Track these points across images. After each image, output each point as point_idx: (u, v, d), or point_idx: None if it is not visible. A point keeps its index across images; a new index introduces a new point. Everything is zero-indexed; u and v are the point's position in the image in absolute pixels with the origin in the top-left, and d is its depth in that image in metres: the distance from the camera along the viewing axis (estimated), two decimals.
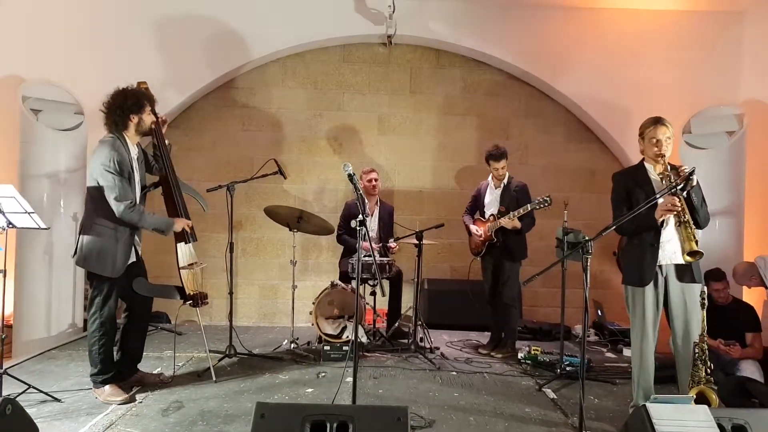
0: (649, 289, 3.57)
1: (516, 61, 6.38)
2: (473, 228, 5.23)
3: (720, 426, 2.56)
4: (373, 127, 6.71)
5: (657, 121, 3.59)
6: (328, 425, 2.49)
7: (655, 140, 3.56)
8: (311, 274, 6.63)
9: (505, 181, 5.20)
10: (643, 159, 3.74)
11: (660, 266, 3.56)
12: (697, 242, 3.22)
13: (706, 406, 2.67)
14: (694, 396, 3.17)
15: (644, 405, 2.68)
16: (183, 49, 6.06)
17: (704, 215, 3.50)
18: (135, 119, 3.76)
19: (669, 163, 3.56)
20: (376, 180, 5.66)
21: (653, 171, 3.63)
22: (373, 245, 5.47)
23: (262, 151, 6.45)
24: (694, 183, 3.33)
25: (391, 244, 5.52)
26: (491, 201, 5.24)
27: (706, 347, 3.30)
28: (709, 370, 3.27)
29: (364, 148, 6.70)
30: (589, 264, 3.00)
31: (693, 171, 3.28)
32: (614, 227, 3.13)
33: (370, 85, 6.68)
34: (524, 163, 6.61)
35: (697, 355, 3.31)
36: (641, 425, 2.64)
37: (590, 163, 6.70)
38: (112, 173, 3.57)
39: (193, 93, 6.23)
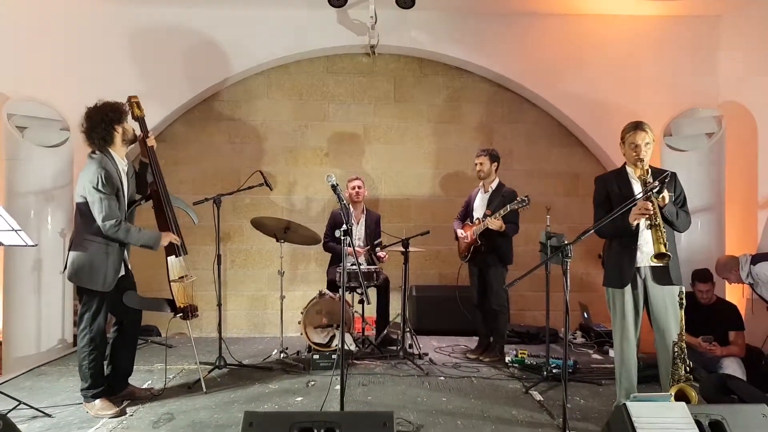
0: (628, 290, 3.66)
1: (498, 69, 6.47)
2: (459, 232, 5.31)
3: (698, 422, 2.63)
4: (358, 136, 6.77)
5: (636, 126, 3.68)
6: None
7: (634, 145, 3.65)
8: (300, 284, 6.67)
9: (494, 186, 5.27)
10: (626, 163, 3.82)
11: (638, 268, 3.65)
12: (665, 245, 3.29)
13: (684, 404, 2.73)
14: (674, 394, 3.24)
15: (624, 404, 2.74)
16: (168, 63, 6.10)
17: (682, 223, 3.60)
18: (120, 130, 3.79)
19: (651, 167, 3.65)
20: (359, 188, 5.71)
21: (634, 175, 3.71)
22: (360, 251, 5.55)
23: (249, 163, 6.50)
24: (664, 192, 3.39)
25: (381, 253, 5.57)
26: (479, 205, 5.32)
27: (684, 346, 3.37)
28: (688, 369, 3.34)
29: (350, 158, 6.75)
30: (568, 267, 3.05)
31: (667, 176, 3.37)
32: (592, 231, 3.19)
33: (354, 95, 6.75)
34: (509, 168, 6.68)
35: (676, 353, 3.38)
36: (622, 424, 2.70)
37: (574, 167, 6.79)
38: (99, 191, 3.60)
39: (178, 107, 6.26)
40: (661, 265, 3.48)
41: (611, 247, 3.81)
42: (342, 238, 3.30)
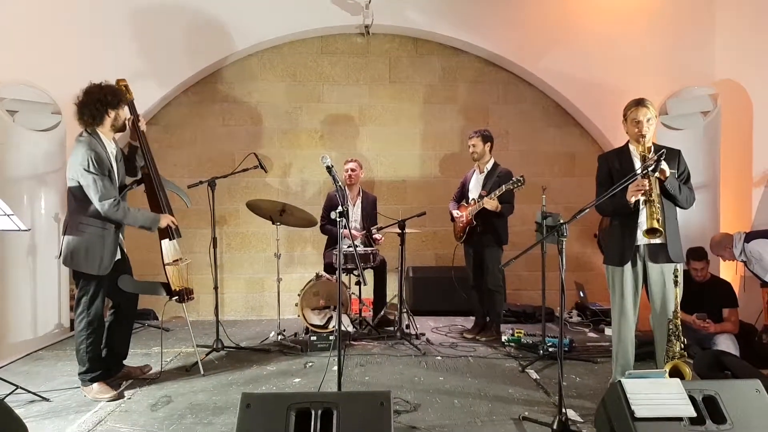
0: (628, 268, 3.66)
1: (493, 47, 6.43)
2: (455, 212, 5.31)
3: (691, 397, 2.66)
4: (353, 117, 6.73)
5: (638, 103, 3.65)
6: (313, 412, 2.55)
7: (636, 121, 3.63)
8: (297, 267, 6.67)
9: (489, 166, 5.26)
10: (629, 141, 3.80)
11: (638, 246, 3.65)
12: (659, 221, 3.28)
13: (678, 380, 2.75)
14: (668, 370, 3.26)
15: (620, 381, 2.76)
16: (158, 47, 6.02)
17: (685, 198, 3.58)
18: (112, 114, 3.76)
19: (655, 144, 3.64)
20: (353, 170, 5.69)
21: (636, 152, 3.69)
22: (356, 234, 5.55)
23: (243, 146, 6.46)
24: (663, 166, 3.39)
25: (377, 235, 5.57)
26: (475, 186, 5.31)
27: (679, 323, 3.39)
28: (682, 345, 3.37)
29: (345, 140, 6.72)
30: (564, 247, 3.05)
31: (662, 153, 3.36)
32: (589, 209, 3.18)
33: (349, 76, 6.70)
34: (505, 149, 6.67)
35: (670, 331, 3.40)
36: (617, 400, 2.73)
37: (570, 147, 6.78)
38: (91, 173, 3.57)
39: (170, 90, 6.20)
40: (659, 242, 3.49)
41: (612, 225, 3.82)
42: (338, 219, 3.29)
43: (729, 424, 2.59)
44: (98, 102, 3.69)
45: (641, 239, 3.61)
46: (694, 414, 2.60)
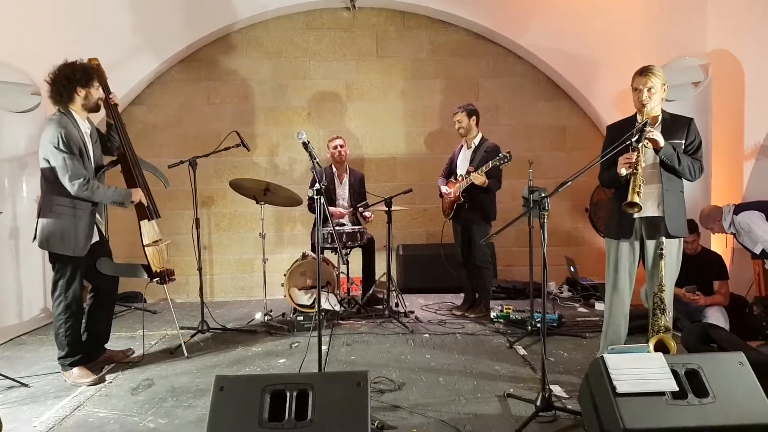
0: (624, 242, 3.57)
1: (482, 20, 6.30)
2: (444, 188, 5.23)
3: (674, 372, 2.61)
4: (341, 94, 6.62)
5: (641, 71, 3.52)
6: (288, 394, 2.50)
7: (637, 90, 3.52)
8: (287, 246, 6.61)
9: (477, 141, 5.18)
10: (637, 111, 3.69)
11: (635, 220, 3.55)
12: (638, 194, 3.19)
13: (661, 354, 2.71)
14: (653, 344, 3.22)
15: (602, 356, 2.72)
16: (142, 24, 5.89)
17: (686, 170, 3.44)
18: (82, 93, 3.66)
19: (669, 113, 3.56)
20: (342, 147, 5.61)
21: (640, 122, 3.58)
22: (343, 212, 5.49)
23: (230, 125, 6.33)
24: (654, 136, 3.29)
25: (366, 213, 5.50)
26: (462, 162, 5.24)
27: (664, 297, 3.33)
28: (667, 319, 3.31)
29: (333, 117, 6.62)
30: (546, 221, 2.98)
31: (645, 123, 3.27)
32: (571, 182, 3.09)
33: (335, 52, 6.58)
34: (495, 123, 6.57)
35: (656, 305, 3.34)
36: (599, 376, 2.69)
37: (560, 121, 6.68)
38: (62, 151, 3.49)
39: (153, 69, 6.09)
40: (657, 215, 3.41)
41: (613, 197, 3.73)
42: (315, 198, 3.21)
43: (711, 398, 2.55)
44: (65, 79, 3.60)
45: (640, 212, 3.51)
46: (676, 388, 2.55)
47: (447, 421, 3.02)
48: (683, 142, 3.50)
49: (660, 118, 3.53)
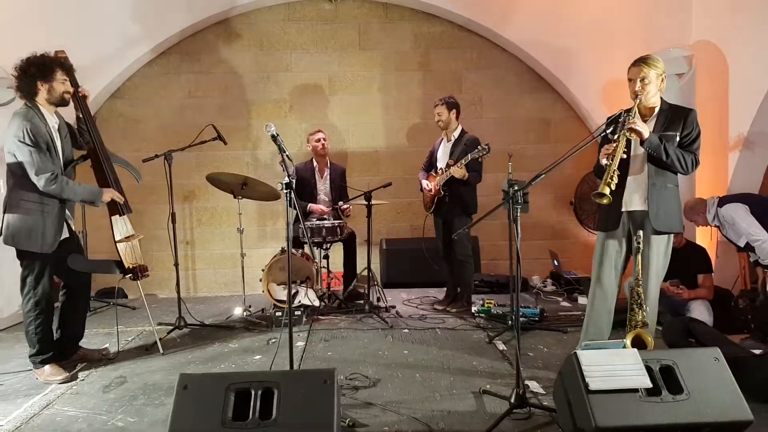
0: (611, 236, 3.50)
1: (465, 12, 6.23)
2: (424, 183, 5.18)
3: (648, 368, 2.56)
4: (323, 87, 6.54)
5: (635, 62, 3.43)
6: (253, 392, 2.45)
7: (631, 81, 3.43)
8: (270, 241, 6.55)
9: (457, 134, 5.12)
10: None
11: (622, 213, 3.48)
12: (608, 185, 3.11)
13: (635, 350, 2.66)
14: (629, 340, 3.17)
15: (575, 352, 2.67)
16: (118, 17, 5.78)
17: (676, 162, 3.30)
18: (45, 86, 3.57)
19: (669, 104, 3.47)
20: (324, 140, 5.54)
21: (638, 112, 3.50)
22: (324, 210, 5.42)
23: (211, 118, 6.16)
24: (636, 126, 3.22)
25: (344, 206, 5.44)
26: (442, 155, 5.18)
27: (641, 292, 3.28)
28: (645, 314, 3.27)
29: (315, 110, 6.54)
30: (519, 215, 2.93)
31: (621, 114, 3.22)
32: (545, 174, 3.02)
33: (317, 44, 6.49)
34: (479, 117, 6.52)
35: (633, 299, 3.30)
36: (572, 372, 2.64)
37: (544, 113, 6.63)
38: (27, 145, 3.40)
39: (133, 61, 6.01)
40: (642, 209, 3.35)
41: None
42: (283, 192, 3.14)
43: (686, 394, 2.51)
44: (26, 74, 3.52)
45: (626, 206, 3.46)
46: (649, 385, 2.51)
47: (420, 418, 2.97)
48: (678, 133, 3.39)
49: (657, 109, 3.44)
